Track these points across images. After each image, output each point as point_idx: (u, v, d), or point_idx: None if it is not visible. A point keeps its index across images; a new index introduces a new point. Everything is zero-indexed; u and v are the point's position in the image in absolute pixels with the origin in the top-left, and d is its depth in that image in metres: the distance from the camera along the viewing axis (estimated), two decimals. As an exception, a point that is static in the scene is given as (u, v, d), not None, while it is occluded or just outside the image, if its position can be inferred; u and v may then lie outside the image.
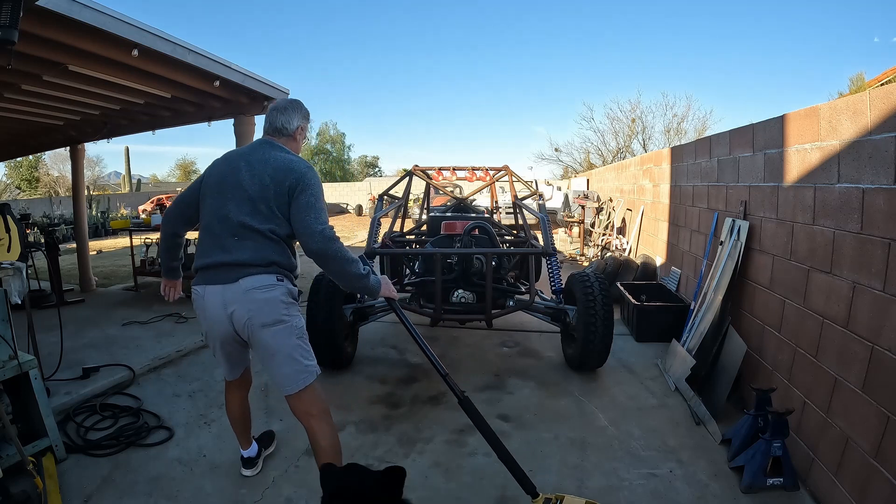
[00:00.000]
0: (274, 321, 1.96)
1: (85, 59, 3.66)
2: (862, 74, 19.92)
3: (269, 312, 1.95)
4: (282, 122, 2.12)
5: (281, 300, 1.97)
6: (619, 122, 25.91)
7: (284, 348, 1.99)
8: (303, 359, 2.04)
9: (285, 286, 2.00)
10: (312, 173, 2.03)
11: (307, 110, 2.23)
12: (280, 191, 1.96)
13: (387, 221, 5.43)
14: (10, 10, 2.04)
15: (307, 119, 2.23)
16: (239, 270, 1.94)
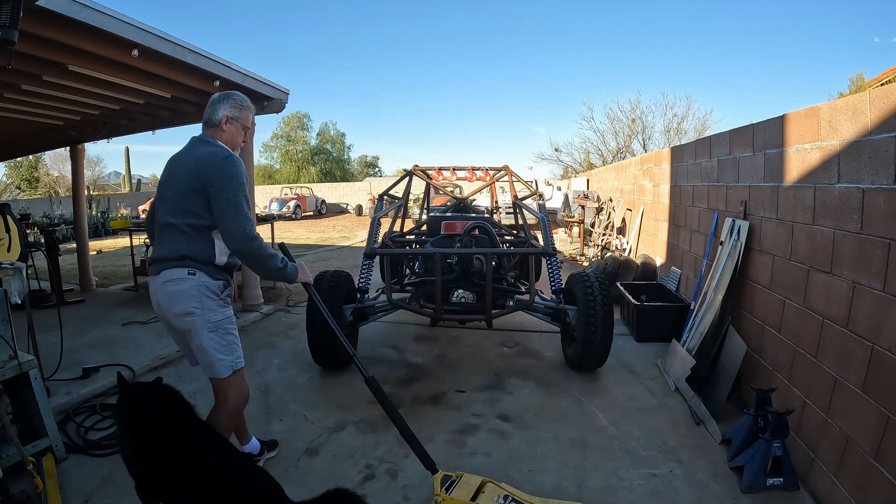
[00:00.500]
0: (184, 312, 2.03)
1: (85, 59, 3.66)
2: (862, 74, 19.93)
3: (178, 304, 2.03)
4: (209, 114, 2.18)
5: (191, 294, 2.02)
6: (619, 122, 25.93)
7: (197, 338, 2.07)
8: (215, 352, 2.08)
9: (197, 280, 2.03)
10: (230, 164, 2.03)
11: (239, 100, 2.22)
12: (196, 185, 2.01)
13: (387, 221, 5.43)
14: (10, 10, 2.05)
15: (238, 108, 2.21)
16: (160, 265, 2.07)
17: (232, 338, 2.15)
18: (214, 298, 2.08)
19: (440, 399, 3.36)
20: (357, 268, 4.56)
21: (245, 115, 2.25)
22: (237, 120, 2.21)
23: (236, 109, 2.20)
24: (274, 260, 2.09)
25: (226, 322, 2.12)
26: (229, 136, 2.20)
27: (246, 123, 2.26)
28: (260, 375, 3.78)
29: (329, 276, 3.81)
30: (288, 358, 4.14)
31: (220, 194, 1.98)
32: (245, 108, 2.25)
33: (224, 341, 2.11)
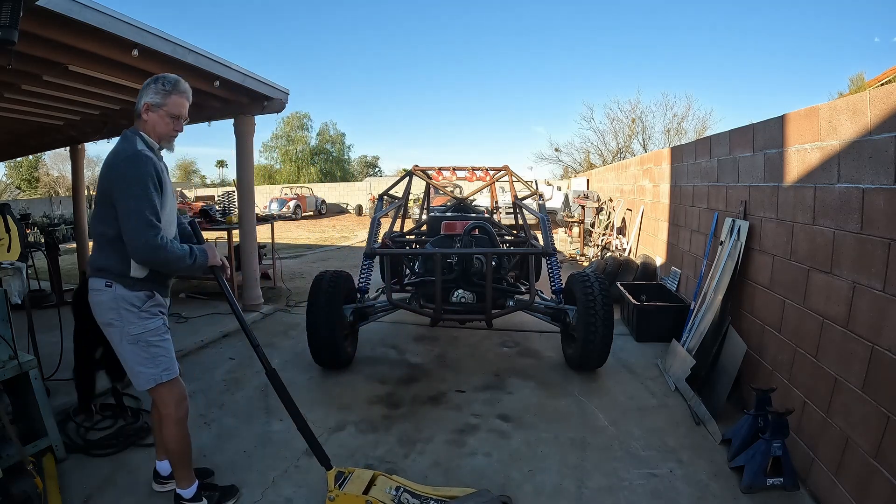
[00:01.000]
0: (105, 322, 1.99)
1: (85, 59, 3.66)
2: (862, 74, 19.96)
3: (99, 313, 1.99)
4: (136, 104, 2.01)
5: (109, 306, 1.95)
6: (619, 122, 25.93)
7: (119, 349, 2.01)
8: (135, 364, 2.00)
9: (113, 293, 1.95)
10: (131, 165, 1.85)
11: (165, 83, 2.00)
12: (103, 190, 1.91)
13: (387, 221, 5.43)
14: (10, 10, 2.05)
15: (162, 93, 1.98)
16: (90, 270, 2.03)
17: (157, 350, 2.02)
18: (134, 311, 1.97)
19: (440, 399, 3.36)
20: (357, 268, 4.56)
21: (172, 100, 2.01)
22: (161, 107, 1.99)
23: (159, 95, 1.98)
24: (183, 260, 1.96)
25: (148, 334, 2.00)
26: (152, 125, 2.00)
27: (174, 111, 2.02)
28: (260, 375, 3.78)
29: (329, 276, 3.81)
30: (288, 358, 4.14)
31: (120, 201, 1.84)
32: (172, 93, 2.00)
33: (147, 354, 2.00)
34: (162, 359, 2.03)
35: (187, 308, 5.50)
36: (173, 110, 2.02)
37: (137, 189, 1.83)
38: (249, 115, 5.35)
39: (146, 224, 1.83)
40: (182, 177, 44.76)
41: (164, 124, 2.02)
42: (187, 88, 2.08)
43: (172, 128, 2.05)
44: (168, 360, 2.06)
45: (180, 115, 2.06)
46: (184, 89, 2.06)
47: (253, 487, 2.40)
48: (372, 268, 4.23)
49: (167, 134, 2.05)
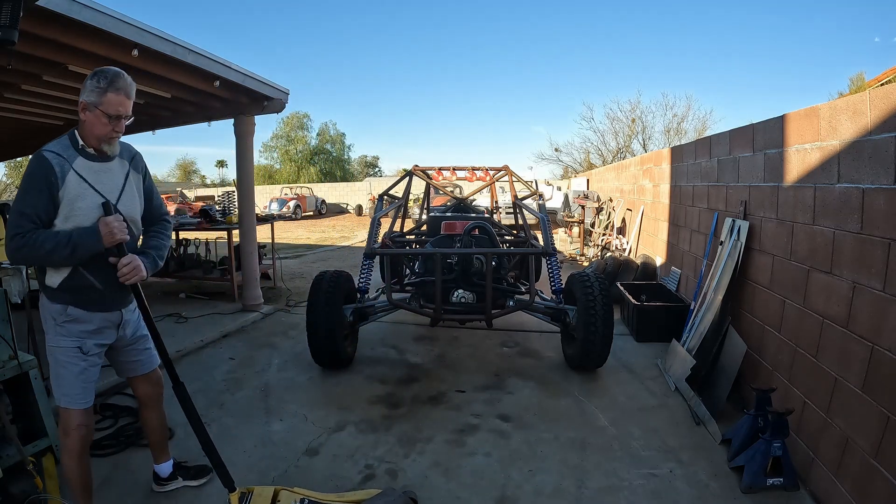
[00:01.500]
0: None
1: (85, 59, 3.66)
2: (862, 74, 19.97)
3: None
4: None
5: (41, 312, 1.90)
6: (619, 122, 25.93)
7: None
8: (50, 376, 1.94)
9: (42, 300, 1.89)
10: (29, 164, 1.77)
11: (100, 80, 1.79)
12: None
13: (387, 221, 5.43)
14: (10, 10, 2.04)
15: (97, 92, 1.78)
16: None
17: (61, 371, 1.88)
18: (51, 323, 1.88)
19: (440, 399, 3.36)
20: (357, 268, 4.56)
21: (108, 98, 1.78)
22: (96, 106, 1.78)
23: (94, 93, 1.78)
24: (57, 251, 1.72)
25: (57, 351, 1.87)
26: (89, 126, 1.81)
27: (110, 110, 1.79)
28: (260, 375, 3.78)
29: (329, 276, 3.81)
30: (288, 358, 4.14)
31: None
32: (108, 90, 1.78)
33: (53, 371, 1.89)
34: (62, 382, 1.90)
35: (187, 308, 5.50)
36: (109, 110, 1.80)
37: (22, 188, 1.75)
38: (249, 115, 5.36)
39: (13, 221, 1.71)
40: (182, 177, 44.80)
41: (100, 125, 1.81)
42: (127, 84, 1.85)
43: (111, 128, 1.83)
44: (68, 387, 1.90)
45: (118, 114, 1.82)
46: (122, 86, 1.82)
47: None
48: (372, 268, 4.23)
49: (105, 136, 1.83)
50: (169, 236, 2.21)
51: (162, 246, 2.10)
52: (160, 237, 2.13)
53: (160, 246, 2.09)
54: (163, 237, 2.14)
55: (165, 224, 2.19)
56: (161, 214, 2.17)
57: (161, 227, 2.16)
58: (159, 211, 2.16)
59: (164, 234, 2.16)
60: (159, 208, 2.17)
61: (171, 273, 6.40)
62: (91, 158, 1.85)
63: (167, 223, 2.20)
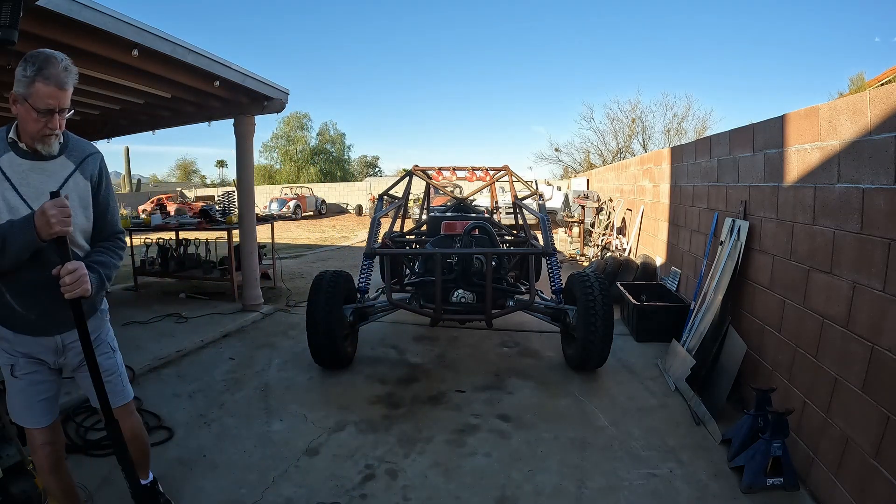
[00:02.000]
0: None
1: (85, 59, 3.65)
2: (862, 74, 19.96)
3: None
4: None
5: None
6: (619, 122, 25.94)
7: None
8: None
9: None
10: None
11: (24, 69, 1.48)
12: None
13: (387, 221, 5.43)
14: (10, 10, 2.04)
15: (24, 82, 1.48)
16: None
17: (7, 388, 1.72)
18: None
19: (440, 399, 3.36)
20: (357, 268, 4.56)
21: (37, 90, 1.47)
22: (26, 99, 1.48)
23: (21, 84, 1.47)
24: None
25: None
26: (21, 122, 1.53)
27: (38, 104, 1.48)
28: (260, 375, 3.79)
29: (329, 276, 3.81)
30: (288, 358, 4.14)
31: None
32: (36, 80, 1.47)
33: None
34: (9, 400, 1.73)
35: (187, 308, 5.50)
36: (38, 104, 1.48)
37: None
38: (249, 115, 5.36)
39: None
40: (182, 177, 44.83)
41: (31, 121, 1.50)
42: (59, 72, 1.49)
43: (44, 125, 1.51)
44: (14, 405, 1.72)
45: (49, 108, 1.49)
46: (51, 74, 1.47)
47: (253, 487, 2.40)
48: (372, 268, 4.23)
49: (38, 132, 1.53)
50: (120, 257, 1.80)
51: (111, 264, 1.71)
52: (110, 254, 1.74)
53: (109, 264, 1.70)
54: (113, 255, 1.75)
55: (118, 243, 1.80)
56: (114, 232, 1.79)
57: (113, 244, 1.78)
58: (112, 228, 1.78)
59: (114, 252, 1.76)
60: (113, 225, 1.79)
61: (171, 273, 6.41)
62: (23, 155, 1.56)
63: (120, 243, 1.81)
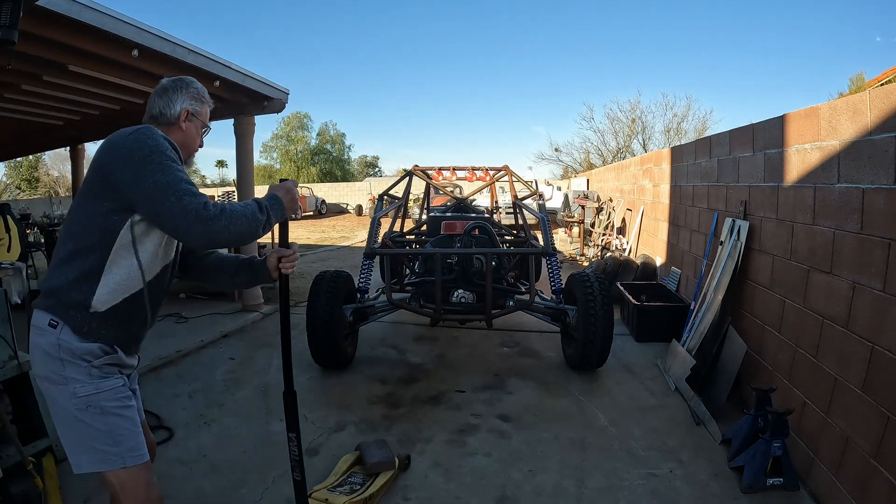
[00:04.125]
0: (43, 375, 1.38)
1: (85, 59, 3.66)
2: (862, 74, 19.93)
3: (38, 361, 1.39)
4: (160, 107, 1.53)
5: (47, 352, 1.35)
6: (619, 122, 25.95)
7: (60, 413, 1.38)
8: (84, 436, 1.37)
9: (56, 337, 1.34)
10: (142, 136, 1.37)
11: (198, 89, 1.59)
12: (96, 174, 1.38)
13: (387, 221, 5.43)
14: (10, 10, 2.05)
15: (198, 100, 1.58)
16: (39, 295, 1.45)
17: (117, 421, 1.38)
18: (82, 365, 1.35)
19: (440, 399, 3.36)
20: (357, 268, 4.56)
21: (206, 110, 1.63)
22: (197, 116, 1.58)
23: (197, 102, 1.57)
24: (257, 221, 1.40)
25: (104, 399, 1.37)
26: (188, 137, 1.56)
27: (205, 121, 1.63)
28: (260, 375, 3.79)
29: (329, 276, 3.81)
30: (288, 358, 4.14)
31: (140, 181, 1.30)
32: (206, 102, 1.62)
33: (101, 425, 1.36)
34: (125, 434, 1.40)
35: (187, 308, 5.50)
36: (205, 121, 1.63)
37: (160, 158, 1.33)
38: (249, 115, 5.36)
39: (190, 193, 1.31)
40: (182, 177, 44.76)
41: (196, 137, 1.60)
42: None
43: (199, 143, 1.63)
44: (133, 435, 1.42)
45: (207, 128, 1.66)
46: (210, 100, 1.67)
47: (253, 487, 2.40)
48: (372, 268, 4.23)
49: (195, 149, 1.63)
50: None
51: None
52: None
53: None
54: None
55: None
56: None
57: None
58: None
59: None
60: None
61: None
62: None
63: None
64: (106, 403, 1.37)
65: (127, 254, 1.38)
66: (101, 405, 1.36)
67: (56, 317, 1.35)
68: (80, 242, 1.36)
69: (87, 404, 1.35)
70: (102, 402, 1.36)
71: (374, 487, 2.26)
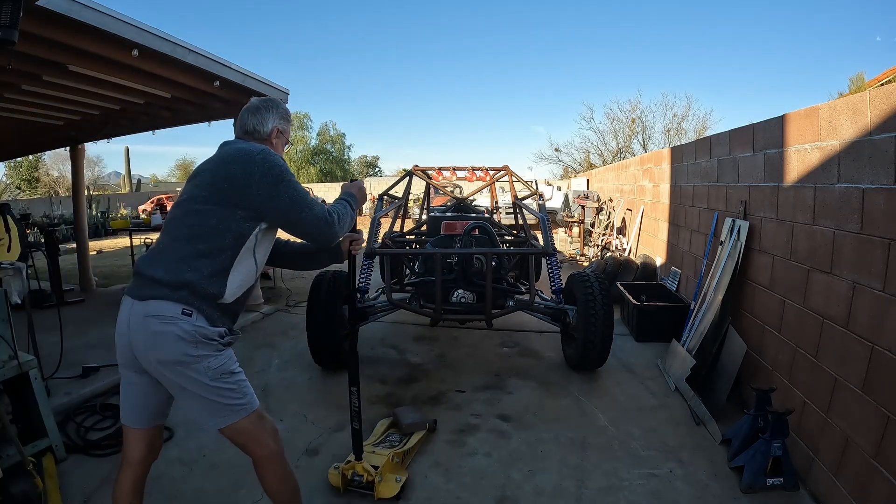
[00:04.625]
0: (171, 361, 1.55)
1: (85, 59, 3.66)
2: (862, 74, 19.96)
3: (164, 349, 1.55)
4: (253, 124, 1.79)
5: (182, 338, 1.54)
6: (619, 122, 25.96)
7: (190, 390, 1.60)
8: (222, 398, 1.62)
9: (191, 325, 1.55)
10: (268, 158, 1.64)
11: (285, 110, 1.87)
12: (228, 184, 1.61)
13: (387, 221, 5.43)
14: (10, 10, 2.05)
15: (286, 120, 1.86)
16: (152, 287, 1.58)
17: (238, 377, 1.68)
18: (213, 345, 1.61)
19: (440, 399, 3.36)
20: (357, 268, 4.56)
21: (289, 128, 1.90)
22: (284, 134, 1.86)
23: (284, 121, 1.86)
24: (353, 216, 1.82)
25: (230, 363, 1.67)
26: (276, 151, 1.82)
27: (288, 137, 1.92)
28: (260, 375, 3.78)
29: (329, 276, 3.81)
30: (288, 358, 4.14)
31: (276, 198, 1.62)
32: (290, 120, 1.91)
33: (234, 384, 1.65)
34: (246, 386, 1.69)
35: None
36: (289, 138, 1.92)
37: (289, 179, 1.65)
38: (249, 115, 5.35)
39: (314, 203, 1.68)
40: (182, 177, 44.77)
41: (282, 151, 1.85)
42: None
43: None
44: (249, 385, 1.71)
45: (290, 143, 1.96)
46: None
47: (253, 487, 2.39)
48: (372, 268, 4.23)
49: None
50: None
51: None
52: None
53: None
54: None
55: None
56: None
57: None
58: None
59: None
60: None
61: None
62: None
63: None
64: (231, 367, 1.66)
65: (248, 255, 1.68)
66: (229, 369, 1.65)
67: (189, 307, 1.57)
68: (212, 243, 1.60)
69: (220, 373, 1.62)
70: (230, 367, 1.66)
71: (411, 443, 2.67)
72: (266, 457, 1.70)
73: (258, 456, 1.71)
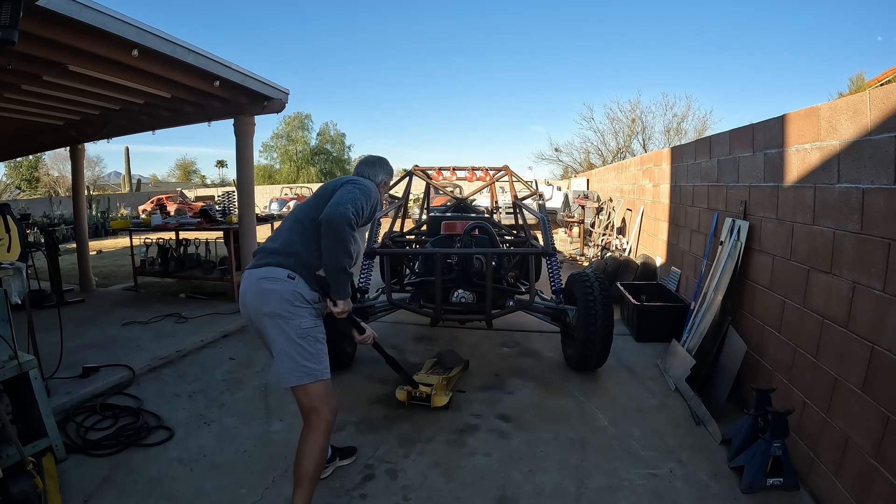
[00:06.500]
0: (273, 313, 1.97)
1: (85, 59, 3.66)
2: (862, 74, 19.96)
3: (269, 303, 1.97)
4: (369, 174, 2.35)
5: (284, 297, 1.96)
6: (619, 122, 25.94)
7: (279, 342, 1.98)
8: (300, 357, 1.98)
9: (294, 286, 1.98)
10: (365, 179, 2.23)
11: (392, 168, 2.45)
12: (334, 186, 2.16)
13: (387, 221, 5.43)
14: (10, 10, 2.05)
15: (391, 175, 2.45)
16: (268, 257, 2.05)
17: (321, 347, 2.05)
18: (308, 307, 2.02)
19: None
20: (356, 268, 4.56)
21: (391, 181, 2.51)
22: (387, 185, 2.44)
23: (389, 176, 2.44)
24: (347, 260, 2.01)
25: (317, 331, 2.04)
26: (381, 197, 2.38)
27: (388, 188, 2.51)
28: (260, 375, 3.78)
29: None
30: (288, 358, 4.13)
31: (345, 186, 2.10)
32: (392, 175, 2.48)
33: (314, 350, 2.01)
34: (323, 356, 2.05)
35: (187, 308, 5.50)
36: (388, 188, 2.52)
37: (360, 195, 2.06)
38: (249, 115, 5.36)
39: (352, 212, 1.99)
40: (182, 177, 44.81)
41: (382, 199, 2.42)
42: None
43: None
44: (326, 358, 2.07)
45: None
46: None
47: (253, 487, 2.40)
48: (372, 268, 4.23)
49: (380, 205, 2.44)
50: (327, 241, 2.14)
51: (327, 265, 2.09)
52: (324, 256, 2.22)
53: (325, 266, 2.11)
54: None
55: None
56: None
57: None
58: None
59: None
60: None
61: (171, 273, 6.40)
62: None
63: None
64: (318, 335, 2.04)
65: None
66: (315, 336, 2.03)
67: (294, 272, 2.00)
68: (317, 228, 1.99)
69: (307, 334, 2.00)
70: (316, 334, 2.03)
71: (453, 373, 3.52)
72: (319, 424, 1.99)
73: (314, 421, 2.00)
